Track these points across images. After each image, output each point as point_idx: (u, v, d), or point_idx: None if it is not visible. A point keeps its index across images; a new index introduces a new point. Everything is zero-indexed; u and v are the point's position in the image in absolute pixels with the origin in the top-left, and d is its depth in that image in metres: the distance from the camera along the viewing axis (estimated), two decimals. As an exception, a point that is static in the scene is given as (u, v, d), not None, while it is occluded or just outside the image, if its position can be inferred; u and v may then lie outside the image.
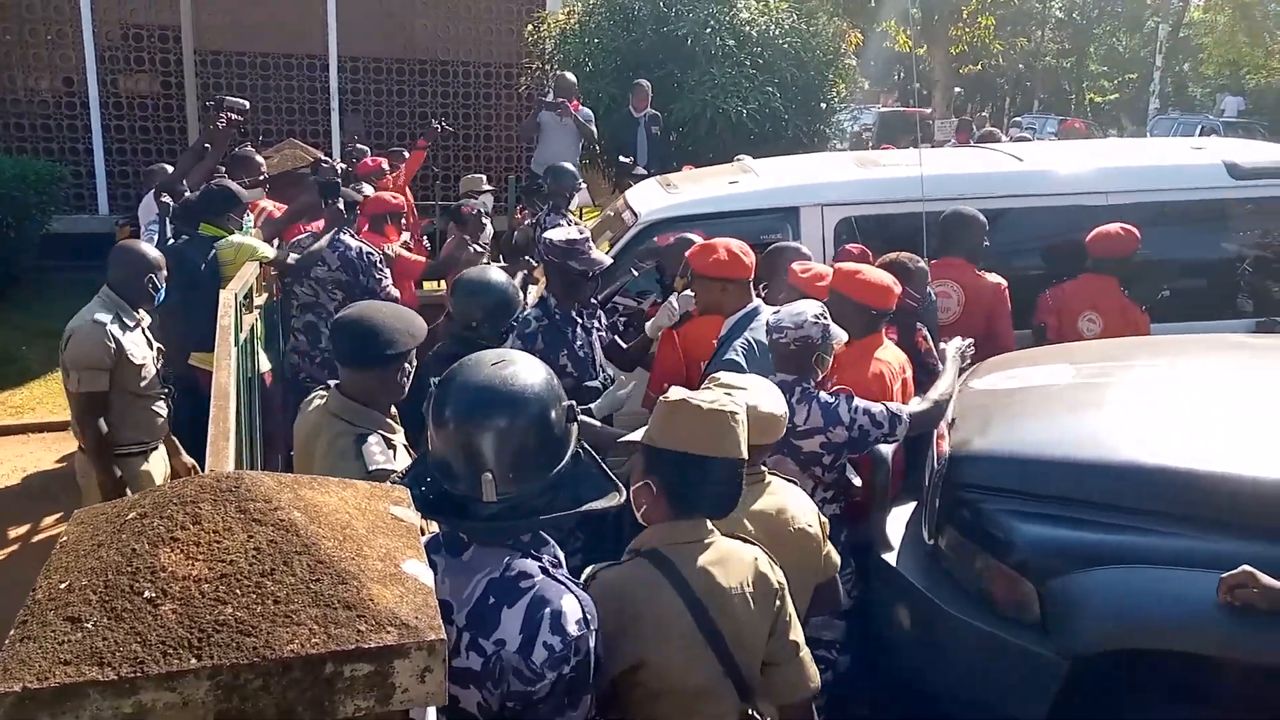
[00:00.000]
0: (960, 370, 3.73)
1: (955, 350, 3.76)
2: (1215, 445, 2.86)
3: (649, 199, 5.09)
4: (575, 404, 1.82)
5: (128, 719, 1.10)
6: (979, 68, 29.20)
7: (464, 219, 5.96)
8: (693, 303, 3.76)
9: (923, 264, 4.03)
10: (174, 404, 4.06)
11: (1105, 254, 4.46)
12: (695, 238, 4.28)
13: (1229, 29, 26.23)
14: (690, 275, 4.09)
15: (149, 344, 3.96)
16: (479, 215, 5.95)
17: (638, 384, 3.83)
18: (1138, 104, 30.80)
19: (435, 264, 6.01)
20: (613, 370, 3.99)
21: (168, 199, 5.60)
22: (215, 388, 2.54)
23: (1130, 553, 2.65)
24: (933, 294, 4.14)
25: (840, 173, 5.23)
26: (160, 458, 4.06)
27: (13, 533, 5.19)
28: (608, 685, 1.91)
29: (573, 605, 1.69)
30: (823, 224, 4.73)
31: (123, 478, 3.84)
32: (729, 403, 2.12)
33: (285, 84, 11.39)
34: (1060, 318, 4.51)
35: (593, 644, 1.72)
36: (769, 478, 2.63)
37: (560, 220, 6.03)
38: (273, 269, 5.03)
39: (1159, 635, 2.56)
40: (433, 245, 8.50)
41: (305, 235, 5.46)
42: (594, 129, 8.88)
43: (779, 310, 3.28)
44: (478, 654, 1.66)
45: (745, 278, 3.69)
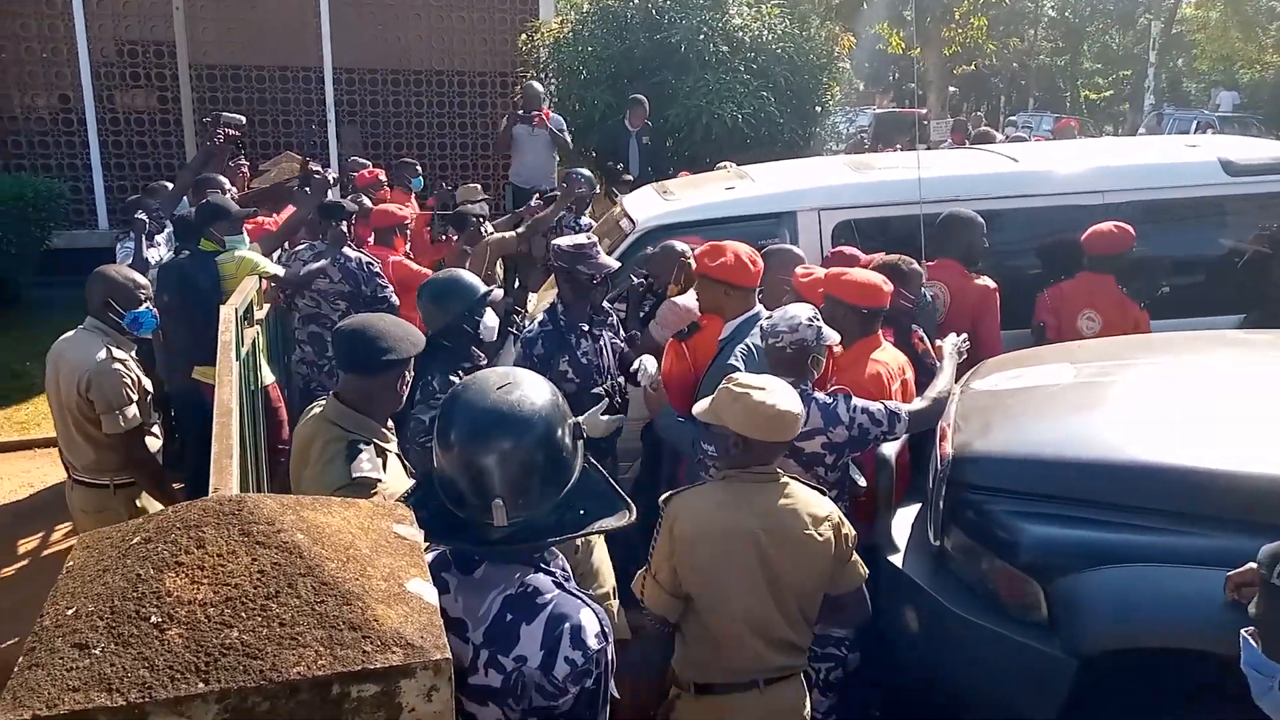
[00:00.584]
0: (957, 367, 3.75)
1: (952, 346, 3.78)
2: (1219, 442, 2.85)
3: (646, 206, 5.09)
4: (580, 422, 1.81)
5: (136, 744, 1.11)
6: (973, 68, 29.23)
7: (463, 225, 5.97)
8: (694, 307, 3.77)
9: (917, 266, 4.04)
10: (172, 423, 4.07)
11: (1101, 252, 4.47)
12: (681, 245, 4.31)
13: (1221, 24, 26.31)
14: (684, 281, 4.11)
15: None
16: (478, 223, 5.96)
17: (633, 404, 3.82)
18: (1134, 100, 30.84)
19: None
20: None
21: (143, 215, 5.62)
22: (218, 405, 2.55)
23: (1135, 551, 2.65)
24: (928, 295, 4.14)
25: (837, 176, 5.23)
26: None
27: (22, 548, 5.21)
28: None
29: (591, 619, 1.69)
30: (820, 228, 4.73)
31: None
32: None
33: (281, 96, 11.41)
34: (1059, 317, 4.51)
35: (610, 656, 1.72)
36: (785, 479, 2.64)
37: (578, 225, 6.07)
38: (273, 283, 5.04)
39: (1165, 634, 2.55)
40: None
41: (303, 246, 5.48)
42: (567, 137, 8.92)
43: (771, 315, 3.29)
44: (497, 671, 1.65)
45: (750, 286, 3.69)
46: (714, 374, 3.57)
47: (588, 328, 3.92)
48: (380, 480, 2.57)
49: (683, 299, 4.13)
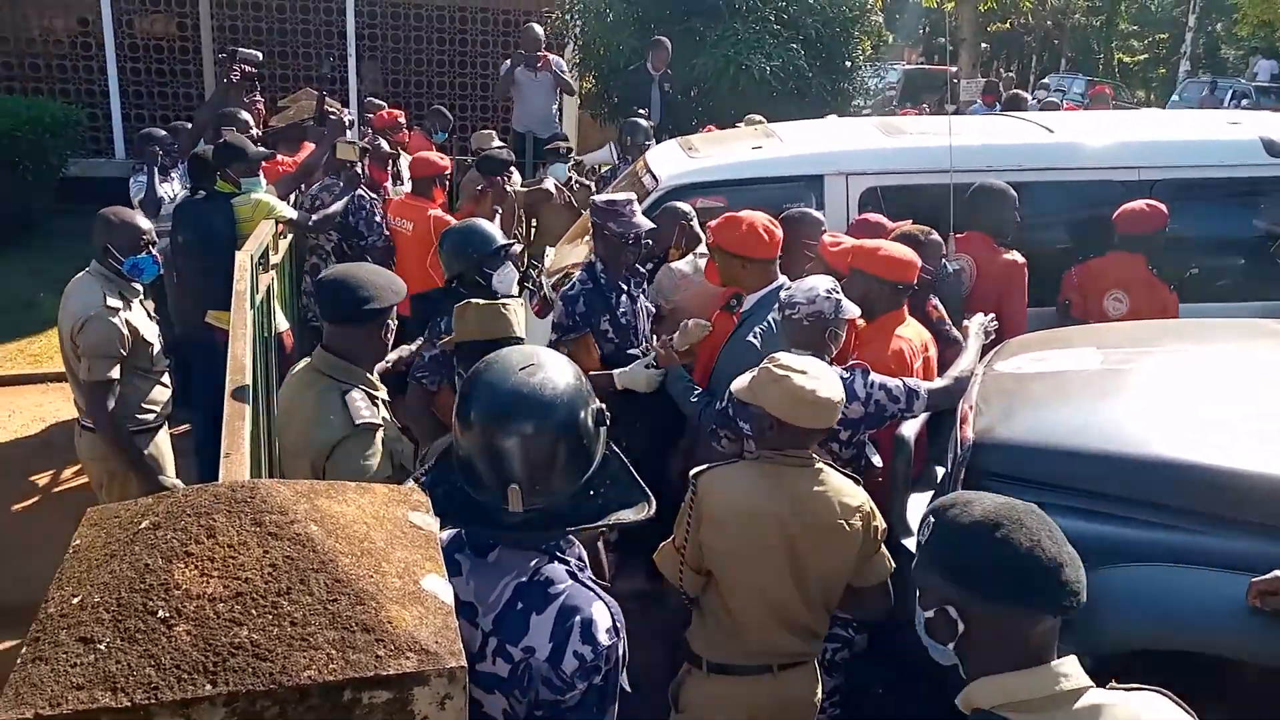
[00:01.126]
0: (983, 347, 3.67)
1: (979, 326, 3.71)
2: (1248, 439, 2.77)
3: (670, 163, 4.98)
4: (604, 408, 1.76)
5: (141, 747, 1.08)
6: (1008, 25, 28.58)
7: (494, 170, 5.87)
8: (705, 331, 3.69)
9: (935, 236, 3.94)
10: (182, 371, 4.03)
11: (1132, 230, 4.36)
12: (684, 206, 4.24)
13: (1266, -14, 25.50)
14: (685, 244, 4.05)
15: (149, 316, 3.92)
16: (504, 179, 5.89)
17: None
18: (1168, 66, 30.15)
19: None
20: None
21: (157, 148, 5.56)
22: (231, 360, 2.50)
23: (1156, 550, 2.60)
24: (949, 266, 4.06)
25: (866, 140, 5.10)
26: (166, 434, 4.04)
27: (39, 483, 5.24)
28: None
29: (603, 613, 1.64)
30: (847, 193, 4.62)
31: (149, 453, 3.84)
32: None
33: (302, 27, 11.22)
34: (1085, 295, 4.42)
35: (621, 651, 1.67)
36: (820, 464, 2.59)
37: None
38: (289, 229, 4.98)
39: (1184, 637, 2.51)
40: (450, 200, 8.40)
41: (317, 187, 5.43)
42: (569, 79, 8.74)
43: (790, 286, 3.22)
44: (505, 660, 1.61)
45: (768, 257, 3.60)
46: (731, 350, 3.51)
47: (627, 287, 3.86)
48: (379, 424, 2.65)
49: (680, 263, 4.07)
